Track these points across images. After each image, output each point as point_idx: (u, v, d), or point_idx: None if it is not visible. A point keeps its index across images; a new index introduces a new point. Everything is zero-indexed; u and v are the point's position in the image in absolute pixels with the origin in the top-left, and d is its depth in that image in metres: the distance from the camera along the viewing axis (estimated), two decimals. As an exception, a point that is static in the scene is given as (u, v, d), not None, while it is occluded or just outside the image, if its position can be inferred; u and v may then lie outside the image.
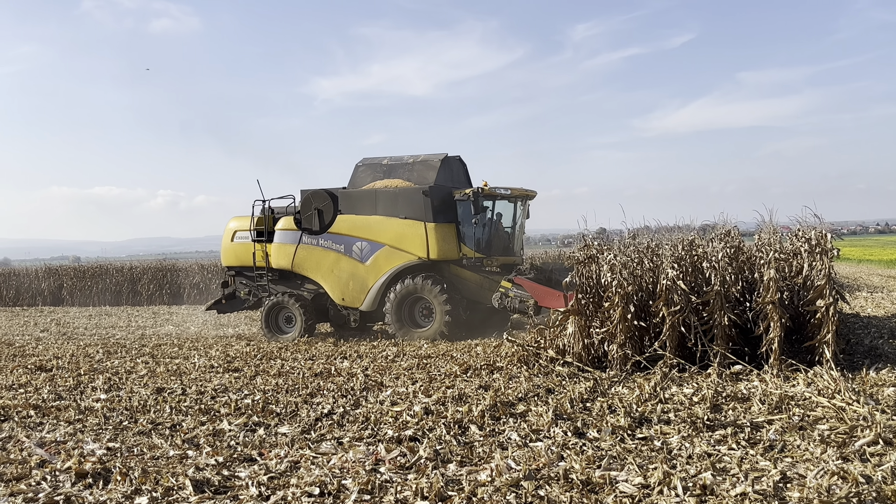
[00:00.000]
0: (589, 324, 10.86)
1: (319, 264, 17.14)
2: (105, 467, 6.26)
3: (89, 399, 9.84)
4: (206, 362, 13.15)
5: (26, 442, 7.42)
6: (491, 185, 16.05)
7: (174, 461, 6.60)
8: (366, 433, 7.41)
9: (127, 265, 37.11)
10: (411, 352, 13.60)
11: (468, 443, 6.89)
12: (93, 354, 14.83)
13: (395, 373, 11.26)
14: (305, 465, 6.28)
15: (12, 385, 11.22)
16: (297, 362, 12.89)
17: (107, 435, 7.75)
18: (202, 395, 9.89)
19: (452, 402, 8.53)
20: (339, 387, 10.12)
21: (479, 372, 10.84)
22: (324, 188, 17.28)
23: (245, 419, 8.22)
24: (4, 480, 6.12)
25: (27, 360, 14.03)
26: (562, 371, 10.31)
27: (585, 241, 11.32)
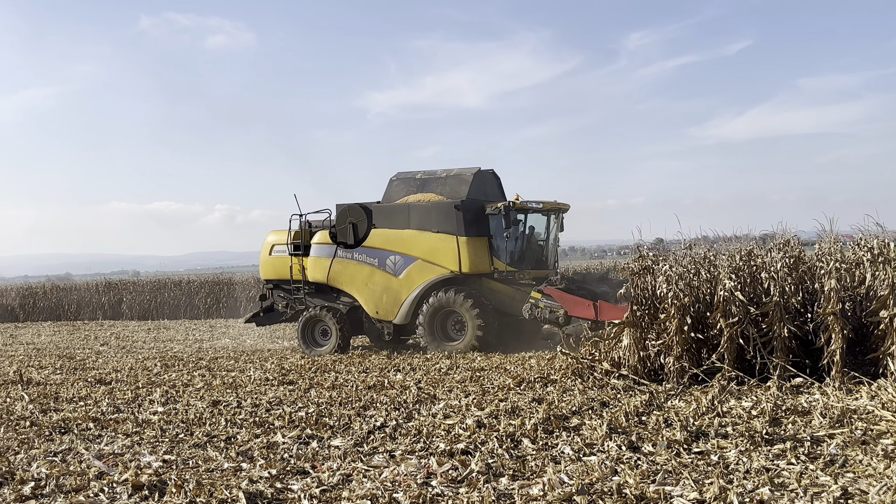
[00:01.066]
0: (644, 336, 10.71)
1: (354, 278, 17.31)
2: (161, 480, 6.33)
3: (147, 412, 9.97)
4: (262, 375, 13.26)
5: (85, 454, 7.53)
6: (525, 199, 16.10)
7: (228, 473, 6.63)
8: (418, 446, 7.37)
9: (185, 279, 37.70)
10: (464, 364, 13.56)
11: (521, 456, 6.81)
12: (151, 367, 15.05)
13: (448, 385, 11.23)
14: (357, 479, 6.27)
15: (73, 398, 11.41)
16: (351, 375, 12.93)
17: (163, 447, 7.83)
18: (257, 408, 9.95)
19: (505, 416, 8.47)
20: (392, 399, 10.11)
21: (532, 385, 10.75)
22: (358, 202, 17.45)
23: (299, 432, 8.25)
24: (64, 492, 6.21)
25: (87, 374, 14.29)
26: (617, 384, 10.18)
27: (640, 252, 11.18)
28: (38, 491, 6.27)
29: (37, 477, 6.63)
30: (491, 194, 17.34)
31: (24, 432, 8.84)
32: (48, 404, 10.82)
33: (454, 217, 16.03)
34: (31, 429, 9.04)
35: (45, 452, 7.71)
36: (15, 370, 15.00)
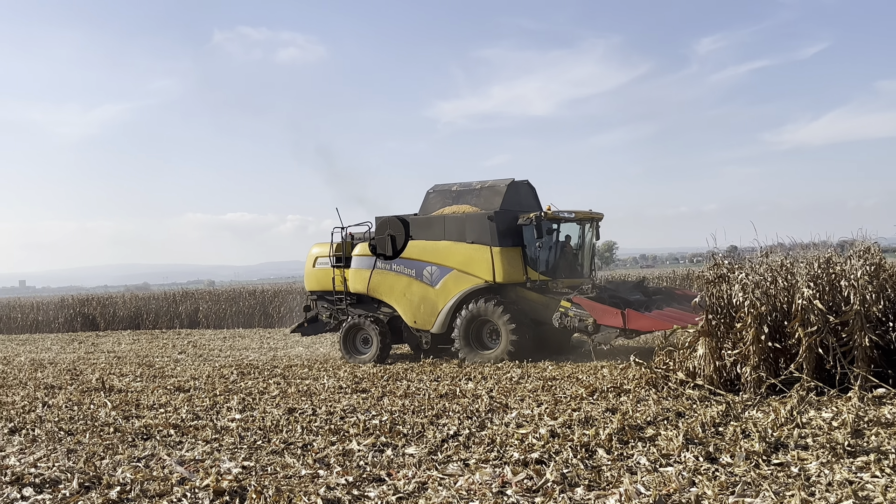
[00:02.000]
0: (720, 345, 10.54)
1: (393, 288, 17.66)
2: (241, 486, 6.48)
3: (225, 419, 10.18)
4: (335, 383, 13.42)
5: (167, 460, 7.75)
6: (558, 209, 16.28)
7: (306, 480, 6.75)
8: (492, 455, 7.39)
9: (259, 288, 38.30)
10: (536, 374, 13.52)
11: (595, 466, 6.78)
12: (227, 375, 15.35)
13: (519, 395, 11.21)
14: (433, 487, 6.32)
15: (153, 405, 11.72)
16: (423, 383, 13.00)
17: (242, 454, 8.00)
18: (331, 416, 10.09)
19: (579, 425, 8.42)
20: (465, 408, 10.15)
21: (605, 394, 10.67)
22: (396, 215, 17.81)
23: (373, 439, 8.34)
24: (148, 496, 6.40)
25: (166, 381, 14.64)
26: (692, 394, 10.04)
27: (715, 260, 11.01)
28: (123, 495, 6.48)
29: (122, 482, 6.85)
30: (526, 205, 17.44)
31: (109, 438, 9.13)
32: (130, 411, 11.15)
33: (488, 228, 16.29)
34: (114, 435, 9.33)
35: (128, 458, 7.96)
36: (97, 378, 15.46)
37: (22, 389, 14.18)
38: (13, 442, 9.13)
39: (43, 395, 13.29)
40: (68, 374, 16.81)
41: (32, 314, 39.87)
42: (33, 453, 8.34)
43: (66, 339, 31.46)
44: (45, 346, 28.25)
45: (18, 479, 7.08)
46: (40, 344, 29.32)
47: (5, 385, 15.08)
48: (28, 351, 25.64)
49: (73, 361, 20.35)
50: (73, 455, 8.22)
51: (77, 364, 19.43)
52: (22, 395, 13.26)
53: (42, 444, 8.88)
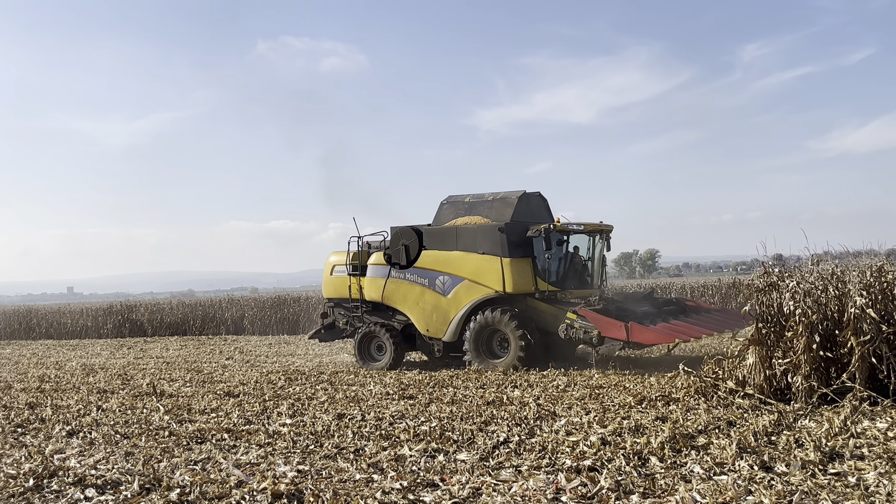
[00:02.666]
0: (770, 354, 10.45)
1: (406, 297, 18.02)
2: (298, 489, 6.58)
3: (276, 423, 10.32)
4: (382, 389, 13.51)
5: (223, 463, 7.89)
6: (567, 221, 16.70)
7: (361, 484, 6.85)
8: (543, 462, 7.42)
9: (303, 295, 38.56)
10: (582, 382, 13.49)
11: (649, 474, 6.78)
12: (275, 381, 15.52)
13: (566, 402, 11.21)
14: (487, 492, 6.37)
15: (204, 409, 11.90)
16: (469, 391, 13.04)
17: (295, 458, 8.12)
18: (381, 421, 10.18)
19: (629, 433, 8.42)
20: (513, 415, 10.17)
21: (654, 403, 10.64)
22: (410, 225, 18.20)
23: (424, 445, 8.41)
24: (208, 499, 6.53)
25: (215, 386, 14.84)
26: (742, 403, 9.98)
27: (765, 268, 10.93)
28: (183, 497, 6.61)
29: (181, 484, 6.99)
30: (537, 216, 17.68)
31: (164, 441, 9.30)
32: (182, 415, 11.33)
33: (498, 239, 16.59)
34: (170, 438, 9.51)
35: (185, 461, 8.12)
36: (148, 383, 15.73)
37: (76, 393, 14.45)
38: (72, 444, 9.34)
39: (96, 399, 13.54)
40: (119, 378, 17.09)
41: (82, 320, 40.53)
42: (92, 455, 8.52)
43: (114, 345, 31.95)
44: (94, 351, 28.74)
45: (81, 481, 7.26)
46: (90, 349, 29.82)
47: (59, 389, 15.38)
48: (79, 356, 26.09)
49: (123, 366, 20.68)
50: (131, 458, 8.40)
51: (127, 369, 19.74)
52: (76, 399, 13.52)
53: (100, 447, 9.08)
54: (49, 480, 7.35)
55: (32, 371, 20.15)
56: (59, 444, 9.39)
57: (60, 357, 25.91)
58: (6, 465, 8.06)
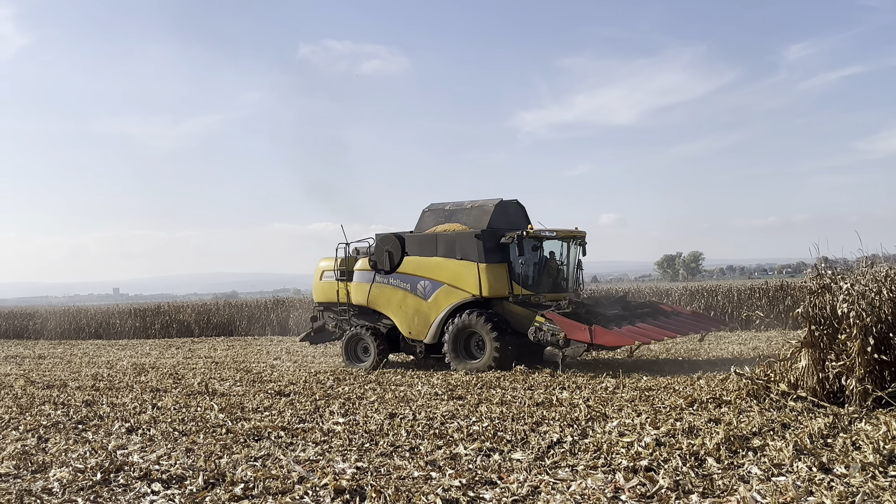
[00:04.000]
0: (823, 357, 10.38)
1: (390, 301, 18.84)
2: (359, 485, 6.71)
3: (329, 422, 10.47)
4: (430, 390, 13.62)
5: (283, 459, 8.05)
6: (540, 228, 17.37)
7: (419, 481, 6.95)
8: (599, 462, 7.47)
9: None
10: (631, 384, 13.49)
11: (706, 475, 6.80)
12: (324, 381, 15.70)
13: (617, 404, 11.22)
14: (546, 490, 6.44)
15: (257, 408, 12.09)
16: (518, 392, 13.09)
17: (352, 455, 8.25)
18: (432, 421, 10.28)
19: (683, 435, 8.44)
20: (563, 416, 10.22)
21: (705, 405, 10.61)
22: (393, 232, 19.06)
23: (479, 444, 8.49)
24: (272, 494, 6.69)
25: (266, 386, 15.05)
26: (794, 406, 9.92)
27: (818, 271, 10.86)
28: (247, 492, 6.78)
29: (244, 479, 7.15)
30: (515, 223, 18.21)
31: (222, 438, 9.49)
32: (236, 414, 11.52)
33: (475, 245, 17.28)
34: (227, 436, 9.70)
35: (245, 457, 8.28)
36: (199, 382, 16.00)
37: (130, 392, 14.74)
38: (133, 440, 9.57)
39: (150, 397, 13.81)
40: (170, 378, 17.37)
41: (130, 320, 41.21)
42: (154, 451, 8.74)
43: (162, 345, 32.46)
44: (143, 351, 29.24)
45: (146, 475, 7.46)
46: (139, 349, 30.34)
47: (113, 388, 15.70)
48: (129, 356, 26.56)
49: (173, 366, 21.02)
50: (191, 454, 8.59)
51: (177, 368, 20.07)
52: (131, 398, 13.79)
53: (160, 443, 9.29)
54: (116, 475, 7.57)
55: (85, 370, 20.56)
56: (121, 440, 9.63)
57: (111, 356, 26.40)
58: (73, 460, 8.30)
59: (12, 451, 9.00)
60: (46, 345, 36.04)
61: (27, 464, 8.26)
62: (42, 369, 21.40)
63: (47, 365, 23.21)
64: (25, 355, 28.36)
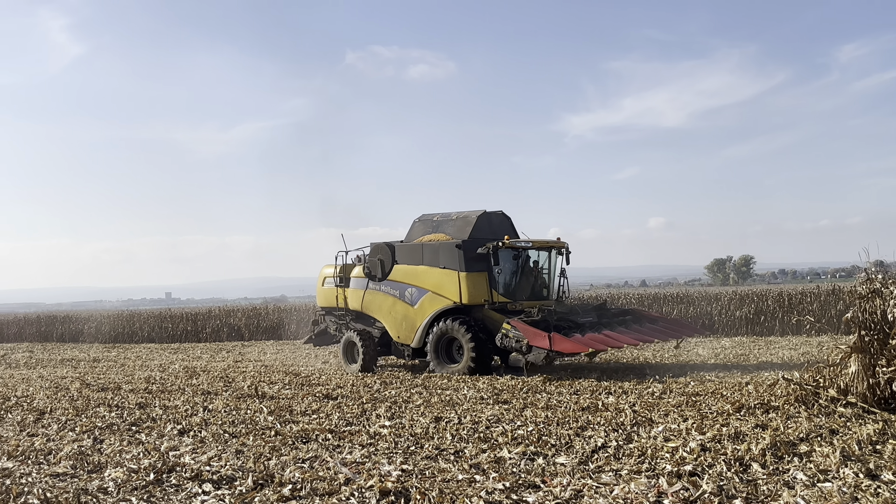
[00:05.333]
0: (874, 362, 10.24)
1: (381, 307, 19.88)
2: (404, 487, 6.81)
3: (375, 425, 10.60)
4: (476, 394, 13.69)
5: (330, 461, 8.19)
6: (516, 239, 18.26)
7: (464, 484, 7.03)
8: (643, 466, 7.48)
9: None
10: (678, 389, 13.43)
11: (751, 480, 6.79)
12: (371, 385, 15.87)
13: (663, 409, 11.19)
14: (589, 494, 6.48)
15: (305, 411, 12.27)
16: (563, 396, 13.11)
17: (398, 458, 8.36)
18: (477, 425, 10.35)
19: (729, 440, 8.40)
20: (609, 421, 10.23)
21: (752, 411, 10.54)
22: (385, 241, 20.05)
23: (523, 448, 8.55)
24: (318, 494, 6.83)
25: (314, 389, 15.24)
26: (844, 412, 9.81)
27: (868, 275, 10.72)
28: (295, 493, 6.92)
29: (292, 480, 7.30)
30: (499, 233, 18.68)
31: (271, 441, 9.67)
32: (285, 416, 11.71)
33: (456, 255, 18.05)
34: (276, 438, 9.87)
35: (293, 459, 8.44)
36: (249, 385, 16.26)
37: (181, 395, 15.02)
38: (184, 442, 9.78)
39: (201, 400, 14.07)
40: (221, 381, 17.66)
41: (182, 324, 41.91)
42: (205, 452, 8.94)
43: (213, 349, 32.98)
44: (195, 354, 29.74)
45: (197, 476, 7.65)
46: (190, 352, 30.86)
47: (165, 390, 16.00)
48: (181, 359, 27.04)
49: (224, 369, 21.37)
50: (241, 455, 8.77)
51: (227, 372, 20.40)
52: (182, 400, 14.06)
53: (211, 445, 9.49)
54: (168, 475, 7.77)
55: (138, 373, 20.97)
56: (173, 441, 9.85)
57: (163, 360, 26.91)
58: (127, 461, 8.53)
59: (69, 452, 9.27)
60: (101, 348, 36.83)
61: (83, 464, 8.51)
62: (97, 372, 21.88)
63: (102, 368, 23.73)
64: (81, 358, 29.02)
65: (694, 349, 23.56)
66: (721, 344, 25.77)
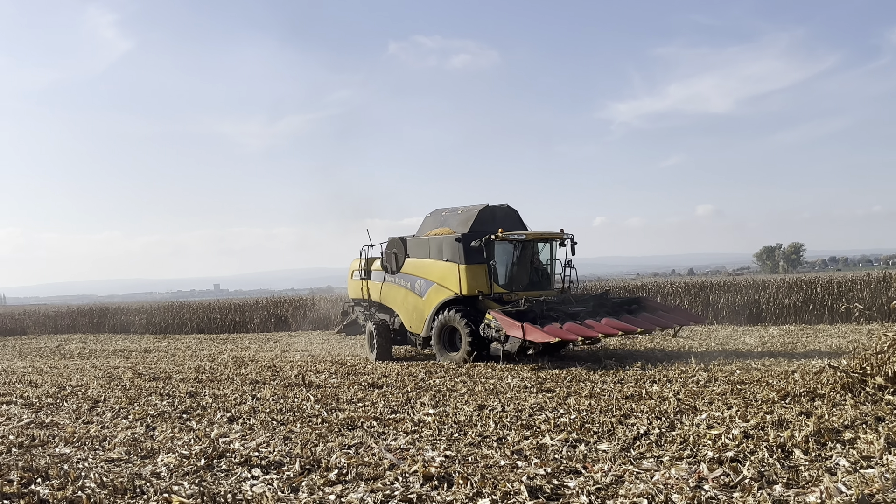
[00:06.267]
0: (922, 350, 10.14)
1: (395, 298, 20.86)
2: (447, 472, 6.94)
3: (420, 413, 10.75)
4: (519, 383, 13.78)
5: (375, 447, 8.36)
6: (508, 232, 18.56)
7: (506, 470, 7.14)
8: (685, 453, 7.52)
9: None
10: (723, 377, 13.39)
11: (792, 466, 6.80)
12: (416, 374, 16.03)
13: (707, 398, 11.18)
14: (629, 479, 6.55)
15: (351, 399, 12.46)
16: (607, 385, 13.14)
17: (441, 444, 8.50)
18: (520, 413, 10.45)
19: (772, 428, 8.40)
20: (652, 409, 10.26)
21: (798, 398, 10.49)
22: (399, 236, 20.89)
23: (565, 435, 8.64)
24: (364, 479, 6.99)
25: (360, 378, 15.45)
26: (892, 399, 9.72)
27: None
28: (341, 477, 7.09)
29: (338, 465, 7.48)
30: (504, 226, 19.06)
31: (318, 428, 9.87)
32: (331, 405, 11.91)
33: (457, 248, 18.66)
34: (322, 425, 10.07)
35: (339, 445, 8.63)
36: (296, 374, 16.52)
37: (230, 384, 15.31)
38: (233, 429, 10.02)
39: (250, 389, 14.34)
40: (269, 370, 17.95)
41: (230, 315, 42.53)
42: (254, 439, 9.16)
43: (261, 339, 33.46)
44: (243, 344, 30.20)
45: (247, 461, 7.87)
46: (239, 343, 31.35)
47: (215, 380, 16.31)
48: (230, 349, 27.49)
49: (272, 359, 21.71)
50: (288, 442, 8.98)
51: (275, 361, 20.72)
52: (232, 389, 14.34)
53: (259, 432, 9.71)
54: (218, 461, 8.00)
55: (188, 363, 21.37)
56: (222, 428, 10.10)
57: (212, 350, 27.37)
58: (179, 447, 8.78)
59: (123, 439, 9.56)
60: (151, 339, 37.56)
61: (137, 450, 8.79)
62: (148, 362, 22.34)
63: (153, 358, 24.21)
64: (132, 349, 29.63)
65: (741, 338, 23.39)
66: (768, 332, 25.55)
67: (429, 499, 6.27)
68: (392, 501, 6.30)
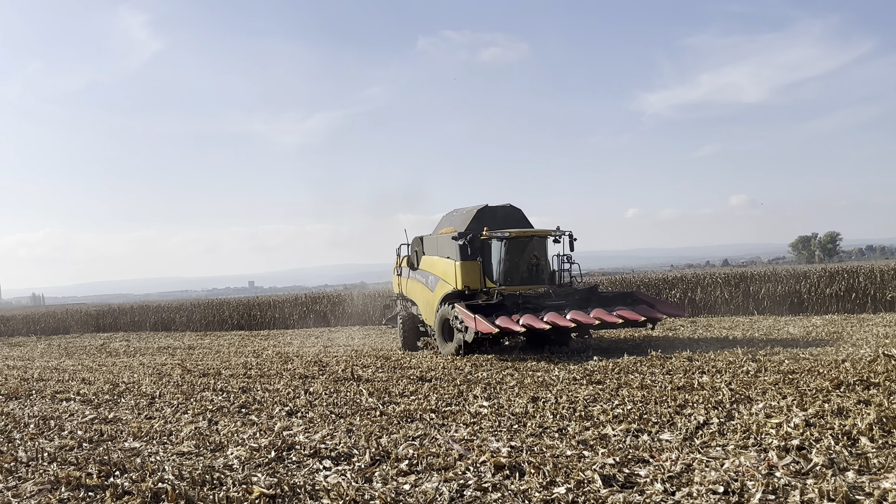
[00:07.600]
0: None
1: (415, 292, 22.43)
2: (517, 461, 7.07)
3: (475, 405, 10.88)
4: (567, 375, 13.85)
5: (440, 439, 8.50)
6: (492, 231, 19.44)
7: (573, 459, 7.25)
8: (749, 442, 7.59)
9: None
10: (773, 367, 13.38)
11: (860, 453, 6.85)
12: (462, 367, 16.14)
13: (760, 388, 11.20)
14: (700, 468, 6.64)
15: (403, 392, 12.62)
16: (656, 376, 13.17)
17: (504, 435, 8.62)
18: (575, 404, 10.54)
19: (833, 416, 8.44)
20: (707, 399, 10.31)
21: (853, 387, 10.50)
22: (420, 235, 22.39)
23: (626, 426, 8.73)
24: (435, 469, 7.14)
25: (407, 372, 15.60)
26: (949, 387, 9.72)
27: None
28: (413, 468, 7.25)
29: (407, 456, 7.63)
30: (505, 225, 20.14)
31: (378, 420, 10.03)
32: (385, 398, 12.07)
33: (454, 245, 19.78)
34: (381, 418, 10.24)
35: (404, 437, 8.78)
36: (343, 368, 16.71)
37: (280, 379, 15.53)
38: (294, 423, 10.21)
39: (300, 383, 14.54)
40: (315, 365, 18.15)
41: (269, 311, 42.96)
42: (317, 432, 9.34)
43: (302, 335, 33.77)
44: (285, 340, 30.54)
45: (316, 453, 8.06)
46: (281, 339, 31.68)
47: (264, 375, 16.55)
48: (272, 345, 27.81)
49: (316, 354, 21.95)
50: (352, 434, 9.15)
51: (320, 357, 20.95)
52: (283, 384, 14.55)
53: (321, 425, 9.90)
54: (288, 453, 8.20)
55: (234, 359, 21.70)
56: (284, 422, 10.29)
57: (255, 346, 27.71)
58: (247, 440, 8.99)
59: (189, 433, 9.79)
60: (193, 336, 38.04)
61: (205, 443, 9.00)
62: (194, 359, 22.69)
63: (198, 355, 24.58)
64: (176, 346, 30.07)
65: (784, 328, 23.30)
66: (812, 322, 25.42)
67: (503, 487, 6.40)
68: (467, 490, 6.44)
